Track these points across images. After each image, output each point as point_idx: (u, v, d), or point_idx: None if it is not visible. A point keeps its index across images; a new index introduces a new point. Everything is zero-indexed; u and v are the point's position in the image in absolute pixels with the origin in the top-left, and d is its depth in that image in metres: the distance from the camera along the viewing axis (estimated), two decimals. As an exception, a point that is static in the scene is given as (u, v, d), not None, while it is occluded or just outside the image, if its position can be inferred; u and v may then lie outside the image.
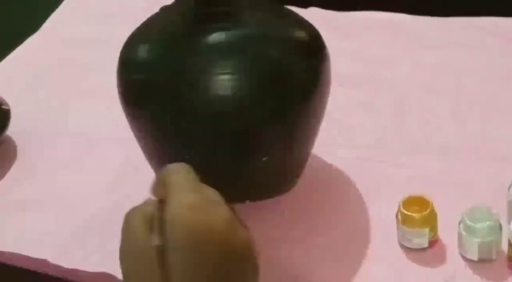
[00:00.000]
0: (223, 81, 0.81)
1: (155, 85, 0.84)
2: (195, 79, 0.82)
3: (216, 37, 0.83)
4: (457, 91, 1.14)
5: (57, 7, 1.47)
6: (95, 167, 1.07)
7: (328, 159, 0.95)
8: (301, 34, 0.88)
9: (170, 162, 0.87)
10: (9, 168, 1.09)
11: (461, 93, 1.14)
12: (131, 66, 0.87)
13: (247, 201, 0.90)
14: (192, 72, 0.82)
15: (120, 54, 0.90)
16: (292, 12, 0.91)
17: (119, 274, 0.88)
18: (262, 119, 0.84)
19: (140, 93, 0.86)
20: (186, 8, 0.87)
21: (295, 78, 0.85)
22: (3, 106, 1.12)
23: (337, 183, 0.99)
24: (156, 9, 1.40)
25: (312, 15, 0.94)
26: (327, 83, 0.89)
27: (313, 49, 0.88)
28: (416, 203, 0.87)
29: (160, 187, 0.63)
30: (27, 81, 1.28)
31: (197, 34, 0.84)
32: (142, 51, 0.87)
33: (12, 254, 0.94)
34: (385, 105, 1.13)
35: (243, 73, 0.81)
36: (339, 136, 0.91)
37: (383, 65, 1.22)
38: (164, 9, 0.91)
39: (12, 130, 1.12)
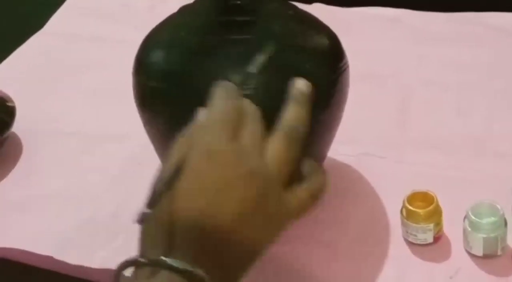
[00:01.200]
0: (245, 95, 0.79)
1: (172, 95, 0.83)
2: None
3: (236, 49, 0.81)
4: (461, 86, 1.14)
5: (60, 6, 1.47)
6: (100, 164, 1.07)
7: (332, 155, 0.95)
8: (323, 44, 0.87)
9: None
10: (14, 165, 1.10)
11: (465, 89, 1.14)
12: (148, 71, 0.86)
13: None
14: (209, 84, 0.81)
15: (137, 56, 0.88)
16: (314, 18, 0.89)
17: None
18: None
19: (156, 100, 0.85)
20: (206, 13, 0.85)
21: (318, 92, 0.84)
22: (9, 103, 1.12)
23: (341, 179, 0.99)
24: (158, 8, 1.41)
25: (316, 10, 0.94)
26: (347, 91, 0.88)
27: (335, 60, 0.86)
28: (421, 198, 0.87)
29: None
30: (31, 80, 1.28)
31: (217, 45, 0.82)
32: (160, 57, 0.85)
33: (17, 251, 0.94)
34: (388, 101, 1.13)
35: (264, 87, 0.80)
36: (342, 132, 0.91)
37: (387, 60, 1.22)
38: (183, 10, 0.89)
39: (17, 127, 1.12)
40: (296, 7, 0.89)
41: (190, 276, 0.56)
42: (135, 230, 0.95)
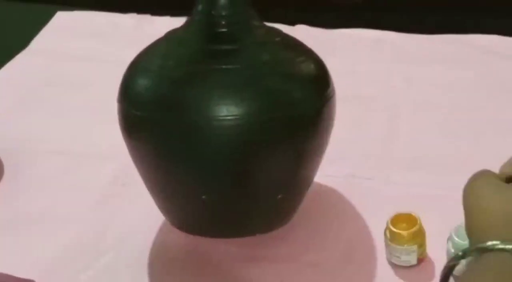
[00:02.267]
0: (230, 125, 0.79)
1: (157, 124, 0.82)
2: (204, 122, 0.80)
3: (223, 79, 0.81)
4: (447, 106, 1.15)
5: (45, 24, 1.47)
6: (83, 185, 1.07)
7: (318, 175, 0.95)
8: (310, 71, 0.87)
9: (173, 194, 0.87)
10: (-4, 186, 1.09)
11: (450, 109, 1.14)
12: (133, 100, 0.85)
13: (257, 234, 0.91)
14: (197, 115, 0.80)
15: (122, 83, 0.87)
16: (300, 44, 0.89)
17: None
18: (272, 161, 0.83)
19: (141, 128, 0.85)
20: (193, 41, 0.84)
21: (305, 119, 0.84)
22: (-9, 124, 1.12)
23: (327, 201, 0.99)
24: (145, 27, 1.41)
25: (300, 32, 0.94)
26: (333, 118, 0.89)
27: (322, 87, 0.87)
28: (404, 220, 0.87)
29: None
30: (14, 99, 1.28)
31: (204, 75, 0.81)
32: (146, 86, 0.85)
33: (-1, 274, 0.93)
34: (374, 121, 1.14)
35: (250, 117, 0.79)
36: (329, 152, 0.91)
37: (372, 82, 1.23)
38: (170, 36, 0.88)
39: (-1, 148, 1.12)
40: (282, 33, 0.89)
41: None
42: (120, 251, 0.95)
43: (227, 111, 0.78)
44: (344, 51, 1.30)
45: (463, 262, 0.66)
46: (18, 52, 1.40)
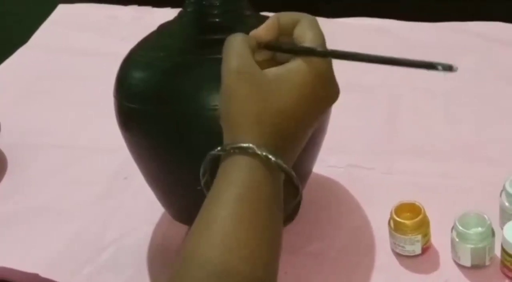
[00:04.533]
0: None
1: (152, 116, 0.82)
2: (197, 113, 0.80)
3: (216, 68, 0.81)
4: (449, 94, 1.14)
5: (45, 19, 1.47)
6: (85, 178, 1.07)
7: (320, 166, 0.95)
8: None
9: (171, 185, 0.87)
10: (-1, 180, 1.09)
11: (452, 96, 1.14)
12: (127, 93, 0.85)
13: None
14: (189, 105, 0.80)
15: (117, 77, 0.87)
16: None
17: (111, 286, 0.88)
18: None
19: (136, 121, 0.84)
20: (185, 32, 0.84)
21: None
22: (-8, 118, 1.12)
23: (329, 191, 0.99)
24: (145, 20, 1.41)
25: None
26: None
27: None
28: (408, 209, 0.86)
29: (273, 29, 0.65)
30: (16, 93, 1.28)
31: (197, 65, 0.81)
32: (139, 79, 0.84)
33: (1, 268, 0.93)
34: (376, 110, 1.13)
35: None
36: (330, 142, 0.90)
37: (374, 70, 1.21)
38: (162, 29, 0.88)
39: (2, 142, 1.11)
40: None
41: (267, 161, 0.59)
42: (122, 245, 0.95)
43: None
44: (345, 40, 1.29)
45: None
46: (20, 45, 1.40)
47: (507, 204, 0.86)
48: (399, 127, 1.09)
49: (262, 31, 0.66)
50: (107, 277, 0.90)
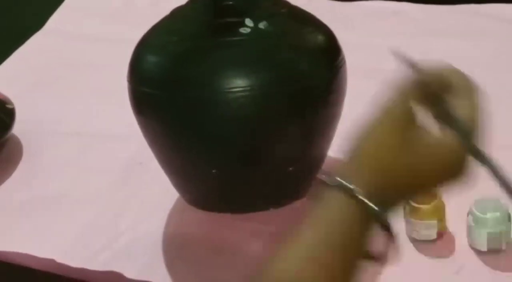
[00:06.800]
0: (237, 97, 0.78)
1: (165, 100, 0.82)
2: (210, 96, 0.80)
3: (230, 51, 0.81)
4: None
5: (59, 4, 1.47)
6: (100, 165, 1.07)
7: (333, 153, 0.94)
8: (319, 42, 0.86)
9: (186, 170, 0.87)
10: (15, 167, 1.09)
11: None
12: (141, 78, 0.85)
13: (271, 209, 0.91)
14: (203, 88, 0.80)
15: (130, 62, 0.87)
16: (308, 15, 0.88)
17: (127, 273, 0.88)
18: (282, 134, 0.83)
19: (149, 106, 0.85)
20: (198, 16, 0.84)
21: (316, 90, 0.83)
22: (8, 105, 1.12)
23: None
24: (161, 6, 1.40)
25: (316, 5, 0.93)
26: (345, 88, 0.88)
27: (332, 57, 0.86)
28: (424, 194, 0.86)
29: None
30: (31, 80, 1.28)
31: (211, 49, 0.81)
32: (152, 63, 0.85)
33: (19, 254, 0.93)
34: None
35: (257, 89, 0.79)
36: (345, 129, 0.90)
37: (389, 55, 1.21)
38: (175, 13, 0.88)
39: (17, 129, 1.12)
40: (289, 4, 0.88)
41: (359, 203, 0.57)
42: (138, 231, 0.95)
43: (233, 83, 0.78)
44: (360, 24, 1.29)
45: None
46: (35, 31, 1.40)
47: (523, 188, 0.85)
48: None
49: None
50: (123, 263, 0.91)
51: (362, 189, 0.56)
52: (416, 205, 0.85)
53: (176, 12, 0.87)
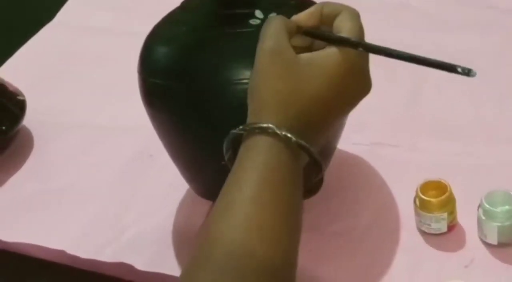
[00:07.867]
0: (245, 88, 0.77)
1: (175, 91, 0.82)
2: (220, 87, 0.80)
3: (239, 43, 0.80)
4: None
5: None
6: (110, 157, 1.07)
7: (344, 144, 0.94)
8: None
9: (195, 161, 0.87)
10: (25, 158, 1.10)
11: (477, 75, 1.12)
12: (151, 69, 0.85)
13: None
14: (215, 80, 0.80)
15: (140, 53, 0.87)
16: None
17: (136, 264, 0.89)
18: None
19: (159, 97, 0.85)
20: (207, 7, 0.84)
21: None
22: (19, 97, 1.12)
23: (354, 169, 0.98)
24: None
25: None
26: None
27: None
28: (434, 187, 0.86)
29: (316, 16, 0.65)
30: (42, 72, 1.28)
31: (220, 40, 0.81)
32: (162, 54, 0.85)
33: (29, 245, 0.94)
34: (400, 88, 1.12)
35: None
36: (353, 120, 0.90)
37: (397, 47, 1.20)
38: (186, 4, 0.88)
39: (28, 121, 1.12)
40: None
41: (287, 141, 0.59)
42: (147, 223, 0.96)
43: (243, 74, 0.78)
44: (368, 16, 1.27)
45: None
46: (45, 23, 1.40)
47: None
48: (423, 105, 1.08)
49: (304, 17, 0.66)
50: (132, 254, 0.91)
51: (278, 126, 0.59)
52: (426, 198, 0.85)
53: (187, 4, 0.88)
